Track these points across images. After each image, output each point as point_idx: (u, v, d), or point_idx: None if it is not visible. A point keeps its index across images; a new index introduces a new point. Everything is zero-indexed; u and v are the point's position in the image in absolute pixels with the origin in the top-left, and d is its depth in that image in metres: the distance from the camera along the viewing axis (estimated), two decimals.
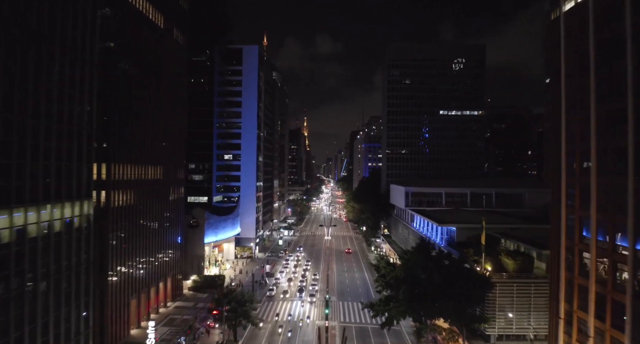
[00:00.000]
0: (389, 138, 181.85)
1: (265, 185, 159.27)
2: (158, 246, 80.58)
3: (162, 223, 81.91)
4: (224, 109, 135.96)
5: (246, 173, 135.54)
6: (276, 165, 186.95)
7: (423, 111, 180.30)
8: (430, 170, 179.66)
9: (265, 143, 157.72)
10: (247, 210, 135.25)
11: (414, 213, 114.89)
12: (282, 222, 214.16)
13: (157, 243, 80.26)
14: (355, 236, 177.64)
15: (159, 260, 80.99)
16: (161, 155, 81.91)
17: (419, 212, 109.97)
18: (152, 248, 78.02)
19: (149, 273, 77.03)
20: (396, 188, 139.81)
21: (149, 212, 77.31)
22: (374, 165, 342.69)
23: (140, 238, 73.48)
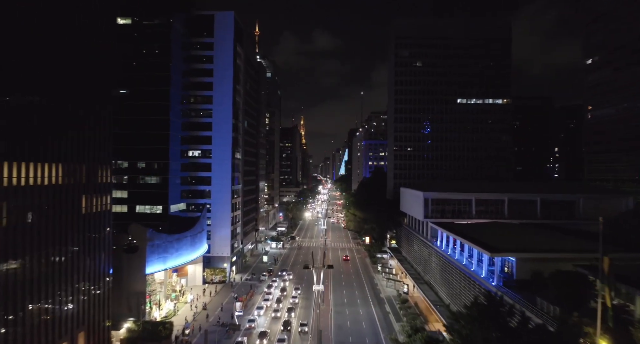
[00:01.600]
0: (397, 131, 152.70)
1: (247, 188, 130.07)
2: (66, 281, 51.77)
3: (69, 249, 53.00)
4: (190, 92, 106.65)
5: (219, 174, 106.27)
6: (262, 164, 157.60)
7: (437, 99, 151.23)
8: (446, 169, 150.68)
9: (247, 136, 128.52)
10: (219, 221, 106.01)
11: (440, 229, 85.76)
12: (272, 230, 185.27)
13: (65, 277, 51.49)
14: (356, 249, 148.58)
15: (68, 302, 52.12)
16: (68, 150, 52.87)
17: (448, 229, 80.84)
18: (55, 285, 49.17)
19: (48, 325, 48.26)
20: (410, 193, 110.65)
21: (44, 233, 48.55)
22: (375, 164, 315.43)
23: (31, 272, 44.75)
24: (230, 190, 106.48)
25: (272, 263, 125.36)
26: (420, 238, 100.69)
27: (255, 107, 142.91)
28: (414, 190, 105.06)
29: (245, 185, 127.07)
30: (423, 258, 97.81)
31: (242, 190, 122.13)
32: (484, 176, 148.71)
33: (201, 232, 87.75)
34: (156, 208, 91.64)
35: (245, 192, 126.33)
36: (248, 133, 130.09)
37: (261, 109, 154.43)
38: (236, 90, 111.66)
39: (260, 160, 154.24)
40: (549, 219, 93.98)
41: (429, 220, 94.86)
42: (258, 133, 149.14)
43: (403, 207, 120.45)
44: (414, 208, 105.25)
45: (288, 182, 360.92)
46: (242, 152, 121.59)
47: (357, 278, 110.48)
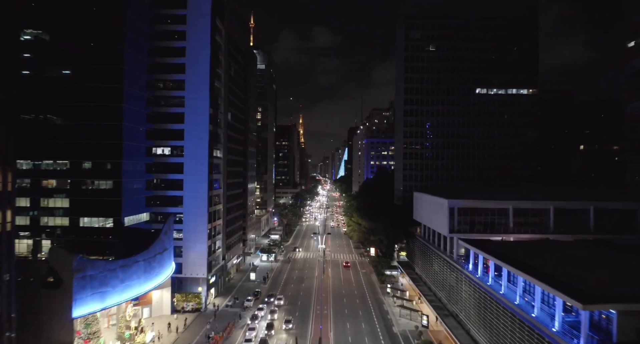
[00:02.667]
0: (407, 126, 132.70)
1: (232, 192, 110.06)
2: None
3: None
4: (158, 76, 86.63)
5: (193, 177, 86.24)
6: (252, 164, 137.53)
7: (453, 89, 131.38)
8: (463, 170, 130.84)
9: (232, 131, 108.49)
10: (193, 235, 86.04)
11: (473, 249, 65.73)
12: (265, 237, 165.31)
13: None
14: (359, 261, 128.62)
15: None
16: None
17: (487, 251, 60.84)
18: None
19: None
20: (428, 200, 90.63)
21: None
22: (377, 164, 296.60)
23: None
24: (207, 196, 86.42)
25: (261, 282, 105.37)
26: (442, 256, 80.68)
27: (242, 98, 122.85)
28: (434, 197, 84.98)
29: (230, 188, 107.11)
30: (447, 283, 77.79)
31: (225, 195, 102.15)
32: (506, 177, 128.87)
33: (162, 253, 67.70)
34: (107, 221, 71.49)
35: (229, 197, 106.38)
36: (233, 128, 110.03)
37: (250, 101, 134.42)
38: (215, 73, 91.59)
39: (250, 160, 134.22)
40: (604, 233, 74.69)
41: (455, 235, 74.91)
42: (247, 129, 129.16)
43: (417, 215, 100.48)
44: (434, 219, 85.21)
45: (285, 183, 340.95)
46: (225, 150, 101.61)
47: (363, 302, 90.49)
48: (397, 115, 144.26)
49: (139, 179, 79.74)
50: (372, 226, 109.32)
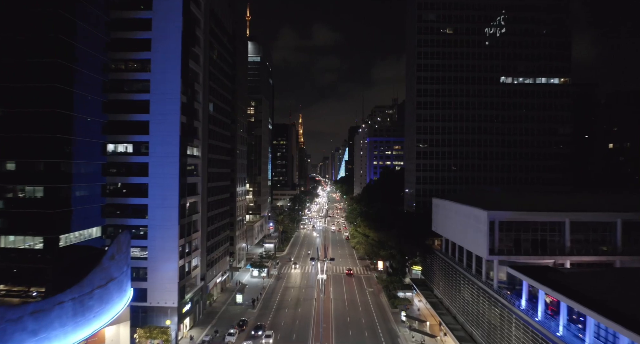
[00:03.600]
0: (420, 121, 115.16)
1: (216, 198, 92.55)
2: None
3: None
4: (118, 54, 69.13)
5: (160, 180, 68.72)
6: (242, 165, 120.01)
7: (473, 78, 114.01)
8: (486, 171, 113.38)
9: (215, 126, 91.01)
10: (159, 253, 68.55)
11: (529, 281, 48.15)
12: (258, 246, 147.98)
13: None
14: (365, 277, 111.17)
15: None
16: None
17: (557, 289, 43.41)
18: None
19: None
20: (456, 210, 73.04)
21: None
22: (380, 164, 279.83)
23: None
24: (178, 204, 68.85)
25: (249, 305, 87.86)
26: (476, 283, 63.11)
27: (229, 88, 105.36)
28: (465, 206, 67.40)
29: (213, 193, 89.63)
30: (485, 319, 60.21)
31: (206, 201, 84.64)
32: (535, 181, 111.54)
33: (107, 285, 50.08)
34: (38, 240, 53.85)
35: (212, 204, 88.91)
36: (217, 122, 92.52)
37: (240, 93, 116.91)
38: (190, 53, 74.06)
39: (240, 160, 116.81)
40: None
41: (496, 258, 57.48)
42: (236, 124, 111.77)
43: (438, 226, 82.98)
44: (465, 234, 67.63)
45: (283, 184, 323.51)
46: (205, 147, 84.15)
47: (373, 336, 72.90)
48: (408, 109, 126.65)
49: (88, 184, 61.95)
50: (381, 238, 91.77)
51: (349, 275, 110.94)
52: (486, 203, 63.48)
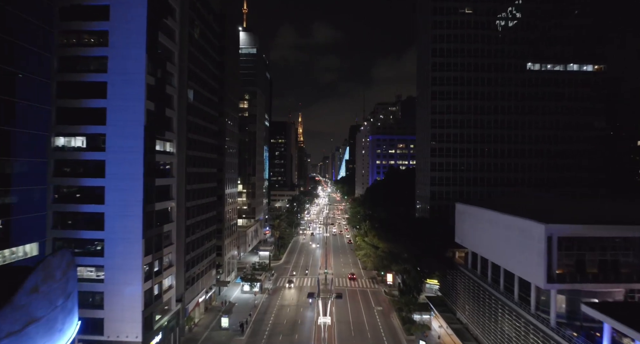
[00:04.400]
0: (435, 112, 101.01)
1: (198, 202, 78.48)
2: None
3: None
4: (68, 23, 55.12)
5: (119, 182, 54.55)
6: (231, 164, 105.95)
7: (497, 64, 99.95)
8: (512, 171, 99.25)
9: (196, 117, 76.88)
10: (119, 275, 54.44)
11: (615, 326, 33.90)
12: (252, 253, 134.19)
13: None
14: (373, 290, 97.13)
15: None
16: None
17: None
18: None
19: None
20: (492, 220, 58.81)
21: None
22: (384, 163, 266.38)
23: None
24: (143, 212, 54.70)
25: (237, 331, 73.76)
26: (523, 315, 48.88)
27: (215, 75, 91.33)
28: (506, 216, 53.27)
29: (194, 197, 75.58)
30: None
31: (184, 207, 70.54)
32: (567, 183, 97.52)
33: (26, 328, 35.96)
34: None
35: (193, 210, 74.87)
36: (199, 113, 78.42)
37: (230, 82, 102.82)
38: (161, 25, 59.95)
39: (229, 158, 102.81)
40: None
41: (555, 286, 43.42)
42: (225, 118, 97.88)
43: (464, 238, 68.91)
44: (506, 251, 53.40)
45: (281, 185, 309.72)
46: (184, 142, 70.06)
47: None
48: (420, 100, 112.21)
49: (27, 187, 47.89)
50: (393, 249, 77.14)
51: (351, 279, 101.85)
52: (536, 212, 49.34)
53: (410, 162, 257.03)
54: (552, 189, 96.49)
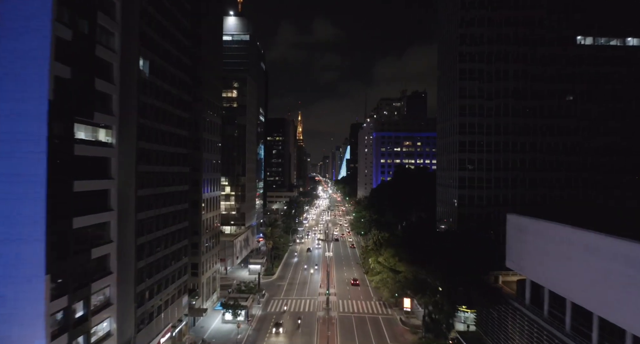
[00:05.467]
0: (465, 96, 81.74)
1: (156, 212, 59.14)
2: None
3: None
4: None
5: (6, 188, 35.01)
6: (211, 163, 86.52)
7: (538, 37, 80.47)
8: (564, 171, 79.84)
9: (157, 99, 57.63)
10: (9, 330, 34.81)
11: None
12: (241, 267, 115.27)
13: None
14: (386, 317, 77.80)
15: None
16: None
17: None
18: None
19: None
20: (580, 242, 39.08)
21: None
22: (389, 162, 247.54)
23: None
24: (45, 234, 35.22)
25: None
26: None
27: (184, 47, 72.03)
28: (609, 238, 33.71)
29: (151, 205, 56.42)
30: None
31: (135, 219, 51.30)
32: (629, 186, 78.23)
33: None
34: None
35: (149, 223, 55.67)
36: (157, 93, 59.08)
37: (209, 61, 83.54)
38: None
39: (208, 154, 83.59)
40: None
41: None
42: (201, 104, 78.78)
43: (522, 263, 49.55)
44: (613, 297, 33.70)
45: (279, 185, 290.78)
46: (132, 131, 50.87)
47: None
48: (444, 83, 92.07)
49: None
50: (418, 274, 56.95)
51: (354, 285, 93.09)
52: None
53: (418, 161, 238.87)
54: (611, 193, 77.29)
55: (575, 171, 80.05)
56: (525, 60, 79.80)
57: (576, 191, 78.69)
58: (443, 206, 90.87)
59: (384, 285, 64.51)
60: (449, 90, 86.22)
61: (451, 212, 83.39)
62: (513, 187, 79.47)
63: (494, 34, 79.51)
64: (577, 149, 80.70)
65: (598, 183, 79.72)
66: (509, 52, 79.86)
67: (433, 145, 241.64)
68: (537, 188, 79.09)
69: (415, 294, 60.01)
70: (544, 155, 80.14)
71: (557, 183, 79.42)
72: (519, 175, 79.82)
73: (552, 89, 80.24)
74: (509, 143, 79.86)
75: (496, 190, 78.61)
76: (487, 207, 76.59)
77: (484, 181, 79.12)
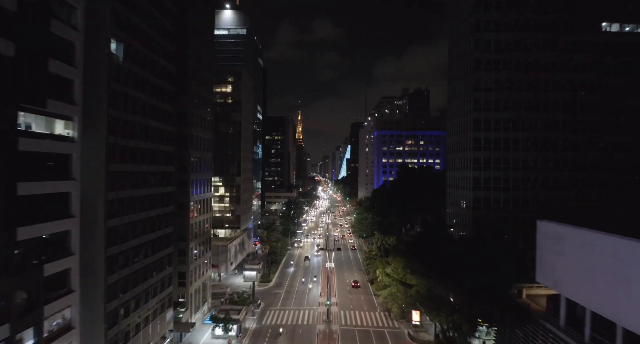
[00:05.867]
0: (480, 89, 74.54)
1: (134, 217, 51.96)
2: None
3: None
4: None
5: None
6: (203, 160, 79.25)
7: (562, 23, 73.13)
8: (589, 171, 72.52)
9: (134, 89, 50.35)
10: None
11: None
12: (234, 273, 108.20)
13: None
14: (392, 331, 70.42)
15: None
16: None
17: None
18: None
19: None
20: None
21: None
22: (391, 162, 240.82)
23: None
24: None
25: None
26: None
27: (168, 32, 64.90)
28: None
29: (127, 210, 49.36)
30: None
31: (105, 227, 44.15)
32: None
33: None
34: None
35: (122, 230, 48.58)
36: (137, 82, 51.91)
37: (198, 50, 76.39)
38: None
39: (198, 153, 76.44)
40: None
41: None
42: (188, 97, 71.69)
43: (557, 277, 42.39)
44: None
45: (278, 185, 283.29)
46: (102, 123, 43.83)
47: None
48: (456, 75, 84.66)
49: None
50: (433, 289, 49.49)
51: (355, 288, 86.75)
52: None
53: (420, 160, 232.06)
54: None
55: (606, 172, 72.72)
56: (547, 48, 72.40)
57: (605, 192, 71.41)
58: (455, 208, 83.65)
59: (393, 300, 57.10)
60: (462, 82, 78.87)
61: (464, 215, 76.16)
62: (531, 188, 72.20)
63: (512, 20, 72.29)
64: (602, 146, 73.43)
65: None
66: (529, 39, 72.58)
67: (436, 144, 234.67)
68: (561, 189, 71.81)
69: (429, 312, 52.58)
70: (568, 153, 72.81)
71: (583, 183, 72.12)
72: (539, 175, 72.53)
73: (575, 79, 72.88)
74: (529, 139, 72.47)
75: (515, 192, 71.41)
76: (504, 210, 69.39)
77: (502, 182, 71.86)
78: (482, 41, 72.80)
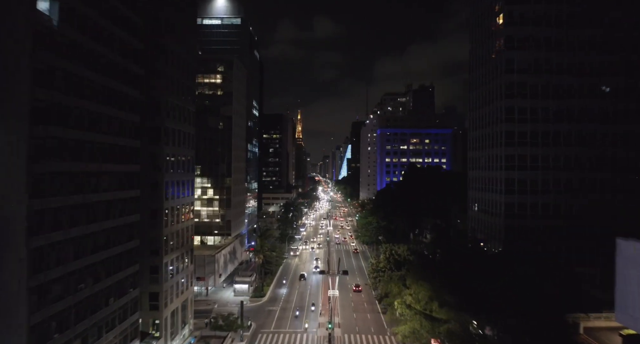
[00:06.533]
0: (511, 71, 62.09)
1: (79, 232, 39.78)
2: None
3: None
4: None
5: None
6: (184, 161, 67.10)
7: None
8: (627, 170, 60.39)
9: (74, 61, 38.26)
10: None
11: None
12: (225, 285, 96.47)
13: None
14: None
15: None
16: None
17: None
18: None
19: None
20: None
21: None
22: (394, 161, 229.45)
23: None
24: None
25: None
26: None
27: (133, 1, 52.79)
28: None
29: (66, 222, 37.25)
30: None
31: (27, 249, 32.02)
32: None
33: None
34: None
35: (57, 250, 36.58)
36: (82, 55, 39.90)
37: (173, 22, 64.37)
38: None
39: (174, 149, 64.35)
40: None
41: None
42: (160, 80, 59.76)
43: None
44: None
45: (276, 186, 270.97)
46: (24, 109, 31.68)
47: None
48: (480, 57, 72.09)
49: None
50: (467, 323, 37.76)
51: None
52: None
53: (426, 160, 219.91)
54: None
55: None
56: (596, 25, 60.18)
57: None
58: (480, 215, 71.49)
59: (417, 339, 45.06)
60: (489, 65, 66.67)
61: (493, 223, 64.12)
62: (571, 191, 60.09)
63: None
64: None
65: None
66: (572, 12, 60.44)
67: (442, 143, 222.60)
68: (611, 193, 59.64)
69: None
70: (617, 150, 60.77)
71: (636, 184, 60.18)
72: (585, 175, 60.45)
73: (628, 60, 60.81)
74: (570, 133, 60.39)
75: (557, 195, 59.40)
76: (543, 218, 57.52)
77: (539, 185, 59.82)
78: (515, 14, 60.33)
